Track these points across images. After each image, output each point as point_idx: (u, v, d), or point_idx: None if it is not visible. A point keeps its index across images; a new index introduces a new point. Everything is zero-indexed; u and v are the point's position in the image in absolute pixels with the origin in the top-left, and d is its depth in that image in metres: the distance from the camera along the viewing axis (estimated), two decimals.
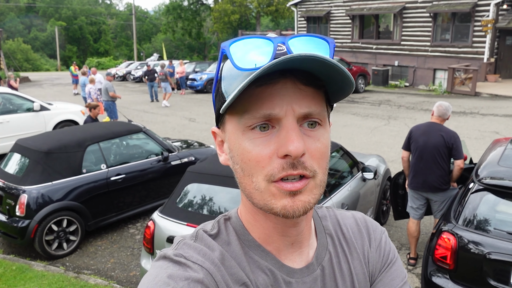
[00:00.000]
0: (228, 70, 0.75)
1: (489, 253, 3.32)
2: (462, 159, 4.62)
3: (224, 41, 0.83)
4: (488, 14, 17.68)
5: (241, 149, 0.72)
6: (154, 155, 6.69)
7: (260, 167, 0.70)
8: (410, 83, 20.89)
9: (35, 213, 5.35)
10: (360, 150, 9.27)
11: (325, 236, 0.89)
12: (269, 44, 0.70)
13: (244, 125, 0.72)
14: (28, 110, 10.14)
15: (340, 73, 0.69)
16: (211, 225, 0.84)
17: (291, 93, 0.70)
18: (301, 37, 0.73)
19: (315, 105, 0.71)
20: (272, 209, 0.71)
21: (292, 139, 0.68)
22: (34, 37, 59.99)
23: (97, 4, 69.99)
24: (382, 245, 0.94)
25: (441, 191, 4.72)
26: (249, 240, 0.80)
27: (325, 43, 0.74)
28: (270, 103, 0.69)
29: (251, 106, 0.70)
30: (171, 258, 0.73)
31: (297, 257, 0.82)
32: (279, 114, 0.69)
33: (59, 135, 6.35)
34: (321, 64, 0.66)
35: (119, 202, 6.16)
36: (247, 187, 0.74)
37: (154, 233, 4.07)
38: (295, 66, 0.68)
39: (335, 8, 24.10)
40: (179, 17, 42.67)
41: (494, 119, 12.53)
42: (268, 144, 0.70)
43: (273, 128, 0.71)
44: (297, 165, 0.69)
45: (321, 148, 0.72)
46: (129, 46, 63.09)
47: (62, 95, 21.89)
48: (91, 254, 5.67)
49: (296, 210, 0.70)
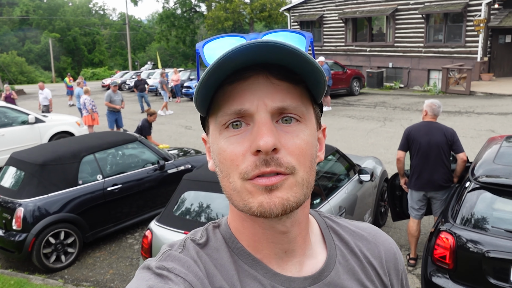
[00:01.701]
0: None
1: (488, 251, 3.32)
2: (463, 152, 4.65)
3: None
4: (480, 14, 17.79)
5: (218, 149, 0.71)
6: (150, 164, 6.67)
7: (234, 165, 0.68)
8: (405, 85, 20.96)
9: (32, 226, 5.32)
10: (357, 152, 9.27)
11: (335, 248, 0.84)
12: (241, 40, 0.69)
13: (219, 124, 0.70)
14: (23, 122, 10.11)
15: (308, 62, 0.66)
16: (200, 233, 0.81)
17: (263, 88, 0.68)
18: (275, 33, 0.71)
19: (290, 100, 0.69)
20: (250, 208, 0.68)
21: (262, 133, 0.66)
22: (28, 50, 59.98)
23: (91, 14, 70.09)
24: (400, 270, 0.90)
25: (444, 188, 4.74)
26: (238, 248, 0.77)
27: (301, 37, 0.72)
28: (241, 98, 0.68)
29: (223, 103, 0.69)
30: (153, 270, 0.71)
31: (291, 266, 0.77)
32: (250, 109, 0.67)
33: (54, 147, 6.33)
34: (289, 54, 0.64)
35: (117, 213, 6.13)
36: (226, 189, 0.72)
37: (152, 243, 4.05)
38: (265, 60, 0.66)
39: (328, 12, 24.20)
40: (173, 25, 42.74)
41: (489, 117, 12.57)
42: (242, 142, 0.68)
43: (247, 125, 0.69)
44: (270, 162, 0.66)
45: (300, 145, 0.69)
46: (124, 55, 63.14)
47: (58, 107, 21.85)
48: (89, 266, 5.63)
49: (273, 207, 0.67)
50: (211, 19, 36.28)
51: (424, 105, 4.95)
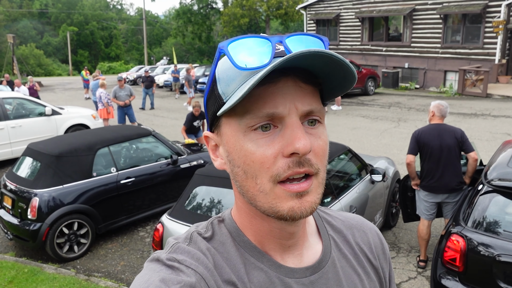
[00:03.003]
0: (224, 71, 0.73)
1: (499, 255, 3.29)
2: (474, 151, 4.61)
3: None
4: (499, 15, 17.51)
5: (243, 151, 0.71)
6: (164, 158, 6.74)
7: (265, 168, 0.69)
8: (420, 85, 20.75)
9: (46, 216, 5.42)
10: (370, 152, 9.23)
11: (329, 238, 0.88)
12: (267, 43, 0.70)
13: (245, 126, 0.70)
14: (40, 114, 10.28)
15: (344, 67, 0.68)
16: (205, 227, 0.82)
17: (293, 91, 0.69)
18: (298, 36, 0.72)
19: (315, 103, 0.71)
20: (278, 211, 0.70)
21: (299, 136, 0.67)
22: (46, 43, 60.76)
23: (108, 9, 70.69)
24: (387, 253, 0.96)
25: (456, 191, 4.72)
26: (244, 241, 0.79)
27: (320, 41, 0.74)
28: (273, 102, 0.68)
29: (252, 106, 0.69)
30: (163, 261, 0.72)
31: (293, 258, 0.81)
32: (282, 112, 0.68)
33: (70, 139, 6.43)
34: (322, 60, 0.66)
35: (129, 205, 6.21)
36: (251, 190, 0.72)
37: (163, 236, 4.10)
38: (296, 64, 0.67)
39: (345, 10, 24.05)
40: (189, 21, 42.86)
41: (506, 120, 12.39)
42: (272, 144, 0.69)
43: (275, 127, 0.70)
44: (303, 163, 0.69)
45: (322, 146, 0.72)
46: (140, 50, 63.59)
47: (74, 100, 22.13)
48: (101, 257, 5.72)
49: (303, 211, 0.70)
50: (227, 15, 36.32)
51: (430, 106, 4.93)
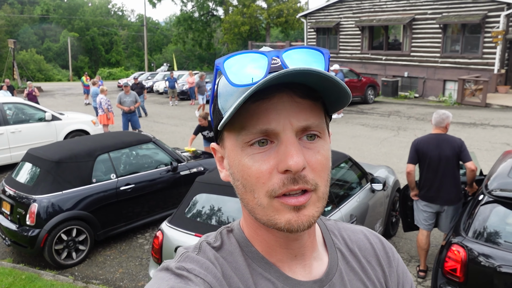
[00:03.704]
0: (224, 86, 0.74)
1: (500, 266, 3.28)
2: (471, 160, 4.60)
3: (234, 51, 0.83)
4: (499, 25, 17.60)
5: (241, 165, 0.72)
6: (164, 165, 6.73)
7: (260, 183, 0.70)
8: (419, 94, 20.80)
9: (45, 222, 5.40)
10: (369, 161, 9.23)
11: (335, 251, 0.88)
12: (263, 58, 0.70)
13: (242, 141, 0.71)
14: (40, 119, 10.27)
15: (336, 85, 0.68)
16: (214, 236, 0.83)
17: (288, 107, 0.69)
18: (295, 50, 0.72)
19: (313, 118, 0.71)
20: (276, 224, 0.71)
21: (291, 153, 0.67)
22: (47, 48, 60.91)
23: (109, 15, 70.92)
24: (400, 266, 0.94)
25: (454, 203, 4.70)
26: (252, 251, 0.80)
27: (319, 54, 0.73)
28: (266, 118, 0.69)
29: (247, 122, 0.70)
30: (173, 270, 0.73)
31: (301, 269, 0.81)
32: (276, 129, 0.69)
33: (70, 144, 6.42)
34: (316, 77, 0.66)
35: (128, 212, 6.19)
36: (250, 203, 0.74)
37: (162, 243, 4.09)
38: (290, 80, 0.67)
39: (345, 19, 24.16)
40: (190, 28, 43.06)
41: (505, 130, 12.41)
42: (268, 160, 0.70)
43: (272, 143, 0.70)
44: (298, 180, 0.69)
45: (321, 160, 0.72)
46: (140, 56, 63.75)
47: (74, 105, 22.15)
48: (99, 264, 5.69)
49: (301, 224, 0.70)
50: (228, 23, 36.51)
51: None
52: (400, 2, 21.26)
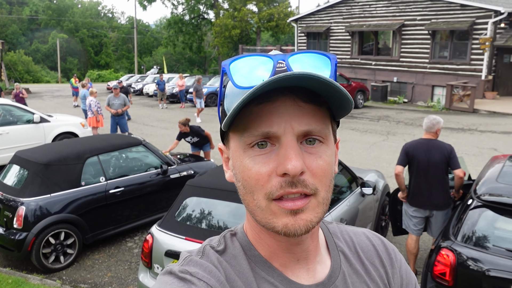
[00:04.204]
0: (231, 88, 0.75)
1: (488, 270, 3.31)
2: (460, 167, 4.64)
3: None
4: (486, 32, 17.86)
5: (242, 166, 0.73)
6: (153, 168, 6.69)
7: (259, 185, 0.70)
8: (408, 99, 20.98)
9: (32, 225, 5.33)
10: (359, 165, 9.27)
11: (338, 253, 0.88)
12: (269, 61, 0.70)
13: (244, 143, 0.72)
14: (28, 121, 10.16)
15: (337, 91, 0.68)
16: (218, 240, 0.83)
17: (290, 111, 0.69)
18: (302, 54, 0.72)
19: (315, 123, 0.71)
20: (273, 227, 0.71)
21: (290, 157, 0.68)
22: (35, 49, 60.32)
23: (99, 17, 70.49)
24: (403, 267, 0.94)
25: (443, 208, 4.73)
26: (255, 255, 0.80)
27: (326, 59, 0.73)
28: (269, 121, 0.69)
29: (250, 124, 0.70)
30: (176, 274, 0.73)
31: (304, 273, 0.81)
32: (277, 132, 0.69)
33: (58, 147, 6.36)
34: (317, 82, 0.66)
35: (118, 215, 6.14)
36: (250, 204, 0.74)
37: (152, 247, 4.06)
38: (293, 84, 0.67)
39: (335, 24, 24.32)
40: (180, 31, 43.00)
41: (492, 135, 12.57)
42: (268, 162, 0.70)
43: (273, 145, 0.70)
44: (296, 183, 0.69)
45: (323, 166, 0.72)
46: (130, 59, 63.44)
47: (63, 107, 21.95)
48: (88, 268, 5.63)
49: (298, 229, 0.70)
50: (218, 26, 36.51)
51: None
52: (389, 8, 21.47)
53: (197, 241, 3.77)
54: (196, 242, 3.77)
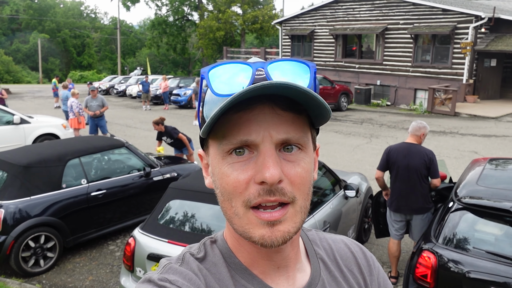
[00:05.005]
0: (210, 94, 0.75)
1: (469, 271, 3.36)
2: (438, 178, 4.71)
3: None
4: (467, 37, 18.17)
5: (220, 173, 0.72)
6: (136, 170, 6.62)
7: (237, 192, 0.70)
8: (391, 102, 21.21)
9: (11, 228, 5.22)
10: (342, 168, 9.32)
11: (318, 261, 0.88)
12: (248, 69, 0.70)
13: (223, 150, 0.71)
14: (7, 123, 9.97)
15: (315, 100, 0.68)
16: (197, 247, 0.82)
17: (269, 119, 0.69)
18: (281, 62, 0.72)
19: (294, 131, 0.70)
20: (250, 237, 0.71)
21: (268, 165, 0.67)
22: (16, 49, 59.30)
23: (82, 17, 69.64)
24: (381, 274, 0.96)
25: (422, 212, 4.77)
26: (235, 263, 0.79)
27: (305, 67, 0.73)
28: (247, 129, 0.69)
29: (228, 131, 0.70)
30: (155, 282, 0.72)
31: (284, 281, 0.81)
32: (256, 140, 0.69)
33: (39, 149, 6.25)
34: (296, 91, 0.66)
35: (99, 218, 6.06)
36: (228, 212, 0.73)
37: (134, 250, 4.01)
38: (272, 92, 0.67)
39: (319, 27, 24.47)
40: (164, 32, 42.80)
41: (473, 139, 12.77)
42: (246, 169, 0.70)
43: (251, 153, 0.70)
44: (274, 192, 0.68)
45: (301, 173, 0.71)
46: (113, 60, 62.84)
47: (43, 108, 21.61)
48: (68, 271, 5.54)
49: (274, 240, 0.69)
50: (203, 28, 36.44)
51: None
52: (373, 12, 21.69)
53: (180, 244, 3.74)
54: (179, 245, 3.74)
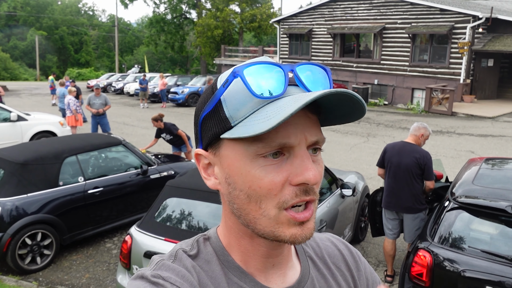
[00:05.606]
0: (233, 94, 0.71)
1: (464, 270, 3.38)
2: (432, 180, 4.71)
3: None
4: (465, 37, 18.20)
5: (250, 176, 0.70)
6: (133, 168, 6.62)
7: (272, 194, 0.70)
8: (389, 102, 21.25)
9: (8, 226, 5.21)
10: (339, 167, 9.34)
11: (306, 259, 0.89)
12: (280, 71, 0.71)
13: (254, 153, 0.70)
14: (5, 120, 9.95)
15: (358, 105, 0.72)
16: (190, 244, 0.82)
17: (303, 122, 0.71)
18: (306, 65, 0.75)
19: (320, 133, 0.74)
20: (279, 236, 0.72)
21: (308, 167, 0.69)
22: (13, 46, 59.08)
23: (79, 14, 69.43)
24: (367, 268, 0.98)
25: (414, 211, 4.77)
26: (228, 261, 0.80)
27: (323, 72, 0.77)
28: (286, 132, 0.69)
29: (265, 135, 0.68)
30: (148, 278, 0.72)
31: (277, 278, 0.82)
32: (293, 143, 0.69)
33: (36, 146, 6.24)
34: (343, 97, 0.69)
35: (96, 216, 6.05)
36: (252, 213, 0.72)
37: (131, 248, 4.01)
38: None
39: (317, 26, 24.47)
40: (162, 30, 42.67)
41: (469, 138, 12.81)
42: (280, 171, 0.70)
43: (283, 155, 0.70)
44: (309, 191, 0.71)
45: (321, 172, 0.75)
46: (111, 57, 62.71)
47: (41, 106, 21.57)
48: (65, 269, 5.54)
49: (304, 237, 0.72)
50: (201, 26, 36.36)
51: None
52: (371, 11, 21.71)
53: (177, 242, 3.74)
54: (175, 243, 3.74)
